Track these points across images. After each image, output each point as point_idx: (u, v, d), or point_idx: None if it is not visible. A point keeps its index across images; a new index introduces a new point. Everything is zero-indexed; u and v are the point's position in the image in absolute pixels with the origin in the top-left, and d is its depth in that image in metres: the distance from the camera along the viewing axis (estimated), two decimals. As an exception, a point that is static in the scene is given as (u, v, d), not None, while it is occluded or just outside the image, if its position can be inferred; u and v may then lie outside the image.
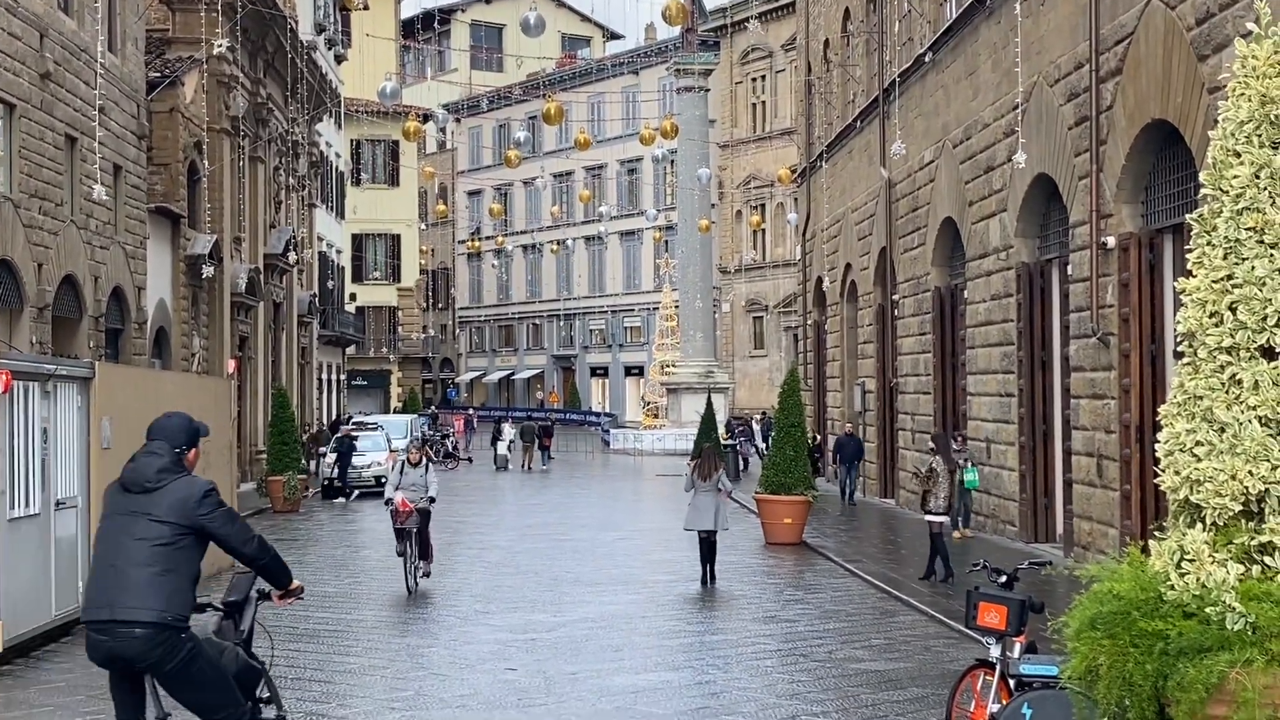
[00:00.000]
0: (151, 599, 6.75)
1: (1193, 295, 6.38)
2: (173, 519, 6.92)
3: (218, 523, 7.06)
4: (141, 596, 6.74)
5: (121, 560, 6.86)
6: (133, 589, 6.76)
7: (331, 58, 57.01)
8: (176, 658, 6.78)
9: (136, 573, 6.80)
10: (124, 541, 6.90)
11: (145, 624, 6.71)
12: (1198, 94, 15.57)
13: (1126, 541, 17.02)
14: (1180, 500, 6.35)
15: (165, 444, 7.32)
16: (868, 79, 33.92)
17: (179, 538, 6.93)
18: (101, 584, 6.89)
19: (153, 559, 6.83)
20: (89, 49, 26.03)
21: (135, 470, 7.13)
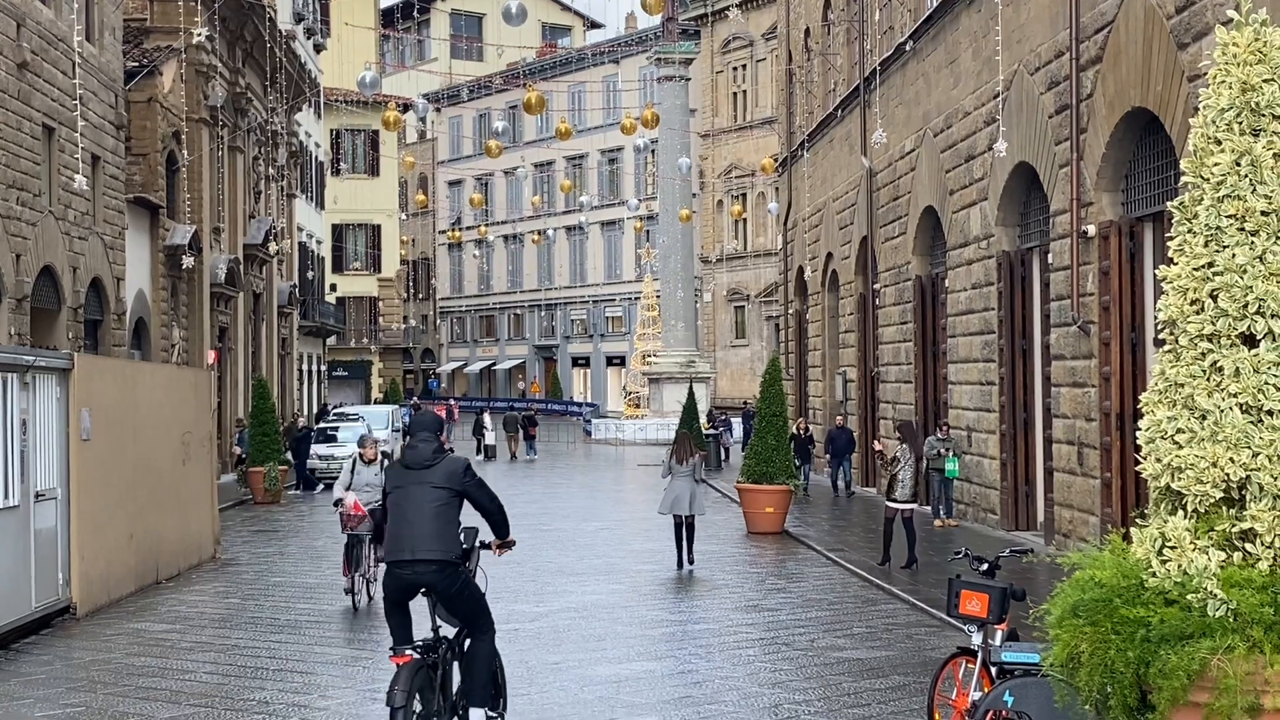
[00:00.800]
0: (439, 544, 9.16)
1: (1174, 283, 6.39)
2: (446, 485, 9.30)
3: (475, 488, 9.49)
4: (432, 542, 9.13)
5: (414, 516, 9.20)
6: (425, 537, 9.13)
7: (310, 47, 56.81)
8: (456, 584, 9.27)
9: (426, 525, 9.16)
10: (414, 504, 9.24)
11: (437, 561, 9.15)
12: (1178, 82, 15.59)
13: (1108, 529, 17.06)
14: (1161, 488, 6.36)
15: (430, 434, 9.58)
16: (848, 68, 33.91)
17: (452, 499, 9.31)
18: (402, 534, 9.22)
19: (435, 515, 9.19)
20: (66, 38, 25.89)
21: (415, 453, 9.45)
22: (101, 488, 16.72)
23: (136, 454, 18.08)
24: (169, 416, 19.74)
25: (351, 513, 16.84)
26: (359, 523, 16.70)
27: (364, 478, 16.99)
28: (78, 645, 14.44)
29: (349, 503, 16.87)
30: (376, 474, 16.77)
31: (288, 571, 20.25)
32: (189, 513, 20.49)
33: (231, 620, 16.03)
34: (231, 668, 13.12)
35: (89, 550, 16.22)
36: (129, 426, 17.83)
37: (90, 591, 16.23)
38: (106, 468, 16.89)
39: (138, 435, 18.17)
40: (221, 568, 20.67)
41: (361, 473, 17.04)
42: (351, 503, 16.84)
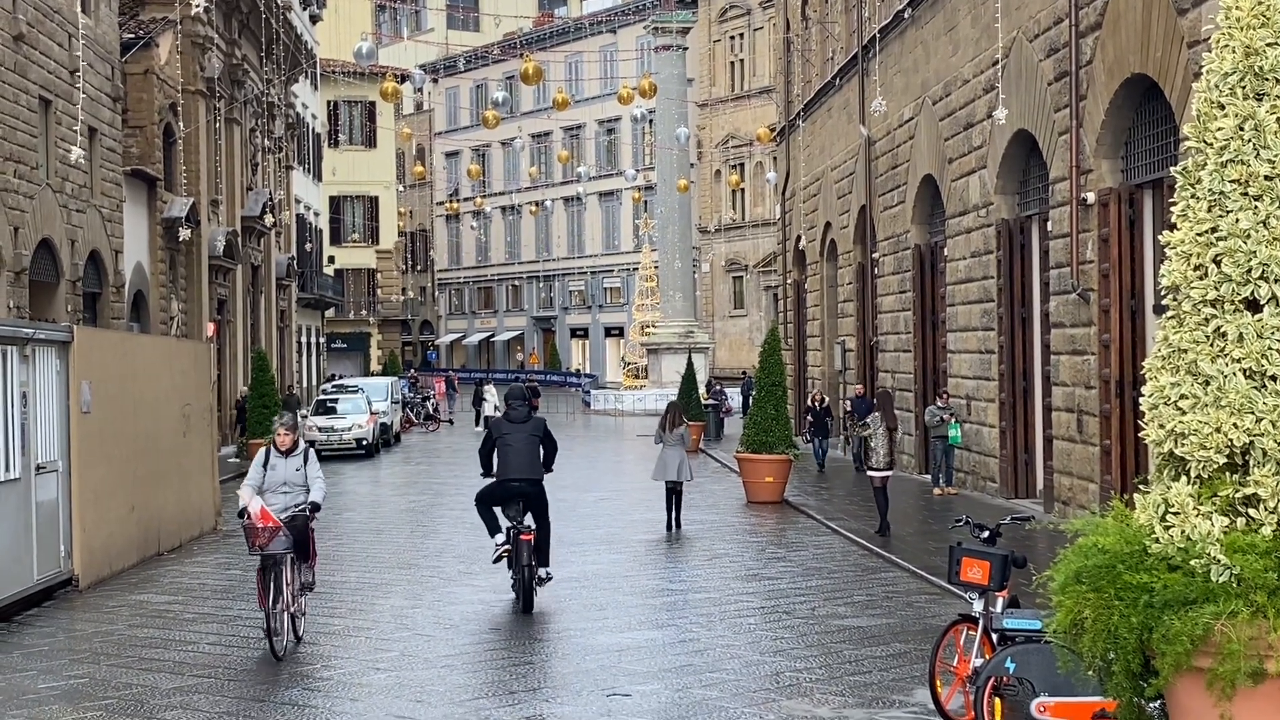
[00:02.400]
0: (532, 470, 14.67)
1: (1177, 248, 6.36)
2: (537, 434, 14.79)
3: (547, 438, 14.90)
4: (532, 469, 14.65)
5: (521, 450, 14.59)
6: (528, 465, 14.62)
7: (307, 18, 56.60)
8: (543, 496, 14.87)
9: (525, 457, 14.64)
10: (516, 444, 14.62)
11: (534, 480, 14.66)
12: (1177, 48, 15.54)
13: (1109, 495, 17.09)
14: (1165, 454, 6.36)
15: (522, 401, 15.04)
16: (846, 36, 33.80)
17: (540, 443, 14.78)
18: (509, 463, 14.61)
19: (533, 452, 14.69)
20: (63, 10, 25.79)
21: (516, 413, 14.89)
22: (102, 460, 16.73)
23: (137, 426, 18.09)
24: (168, 389, 19.74)
25: (259, 524, 12.34)
26: (270, 537, 12.30)
27: (281, 474, 12.80)
28: (80, 617, 14.47)
29: (255, 511, 12.41)
30: (298, 469, 12.82)
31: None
32: (189, 484, 20.52)
33: (233, 591, 16.05)
34: (234, 639, 13.15)
35: (90, 522, 16.24)
36: (129, 399, 17.83)
37: (92, 563, 16.25)
38: (107, 440, 16.90)
39: (138, 408, 18.17)
40: (223, 539, 20.69)
41: (277, 467, 12.82)
42: (258, 511, 12.41)
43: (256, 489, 12.67)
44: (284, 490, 12.78)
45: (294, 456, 12.89)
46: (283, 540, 12.33)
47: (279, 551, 12.36)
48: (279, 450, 12.89)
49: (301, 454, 12.95)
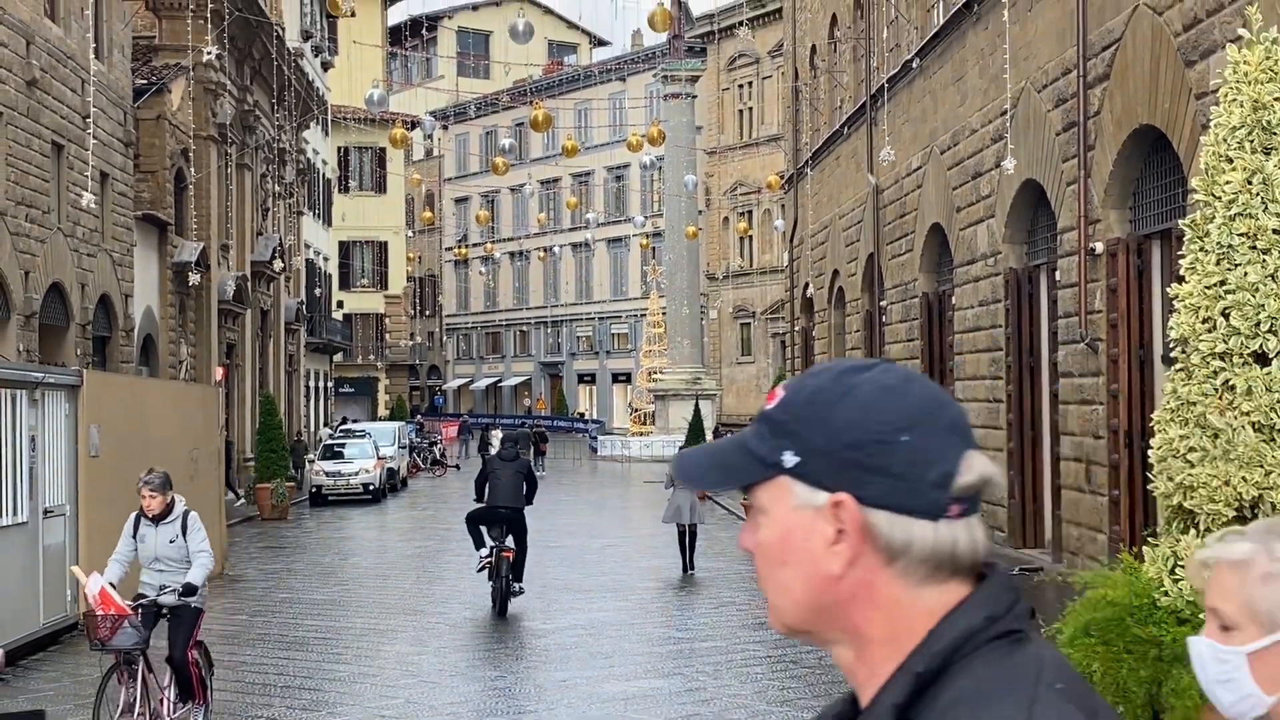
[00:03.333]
0: (518, 500, 17.40)
1: (1185, 301, 6.39)
2: (521, 471, 17.59)
3: (531, 475, 17.83)
4: (515, 499, 17.31)
5: (507, 483, 17.29)
6: (511, 496, 17.31)
7: (318, 65, 56.96)
8: (523, 522, 17.63)
9: (513, 490, 17.37)
10: (506, 479, 17.36)
11: (516, 508, 17.34)
12: (1185, 100, 15.60)
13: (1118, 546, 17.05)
14: (1173, 506, 6.36)
15: (513, 443, 18.84)
16: (855, 85, 33.95)
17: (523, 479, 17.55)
18: (501, 493, 17.35)
19: (517, 485, 17.42)
20: (76, 56, 25.98)
21: (506, 452, 18.21)
22: (110, 504, 16.71)
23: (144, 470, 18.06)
24: (177, 433, 19.75)
25: (99, 611, 9.73)
26: (113, 629, 9.67)
27: (152, 547, 10.34)
28: (85, 662, 14.42)
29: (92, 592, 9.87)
30: (173, 540, 10.30)
31: (295, 587, 20.25)
32: (196, 529, 20.47)
33: (239, 637, 16.02)
34: (240, 684, 13.12)
35: (97, 566, 16.20)
36: (137, 443, 17.84)
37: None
38: (115, 484, 16.89)
39: (146, 452, 18.15)
40: (229, 584, 20.66)
41: (147, 538, 10.37)
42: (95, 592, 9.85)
43: (123, 565, 10.37)
44: (157, 568, 10.30)
45: (167, 524, 10.26)
46: (131, 634, 9.72)
47: (125, 647, 9.74)
48: (149, 519, 10.31)
49: (178, 521, 10.29)
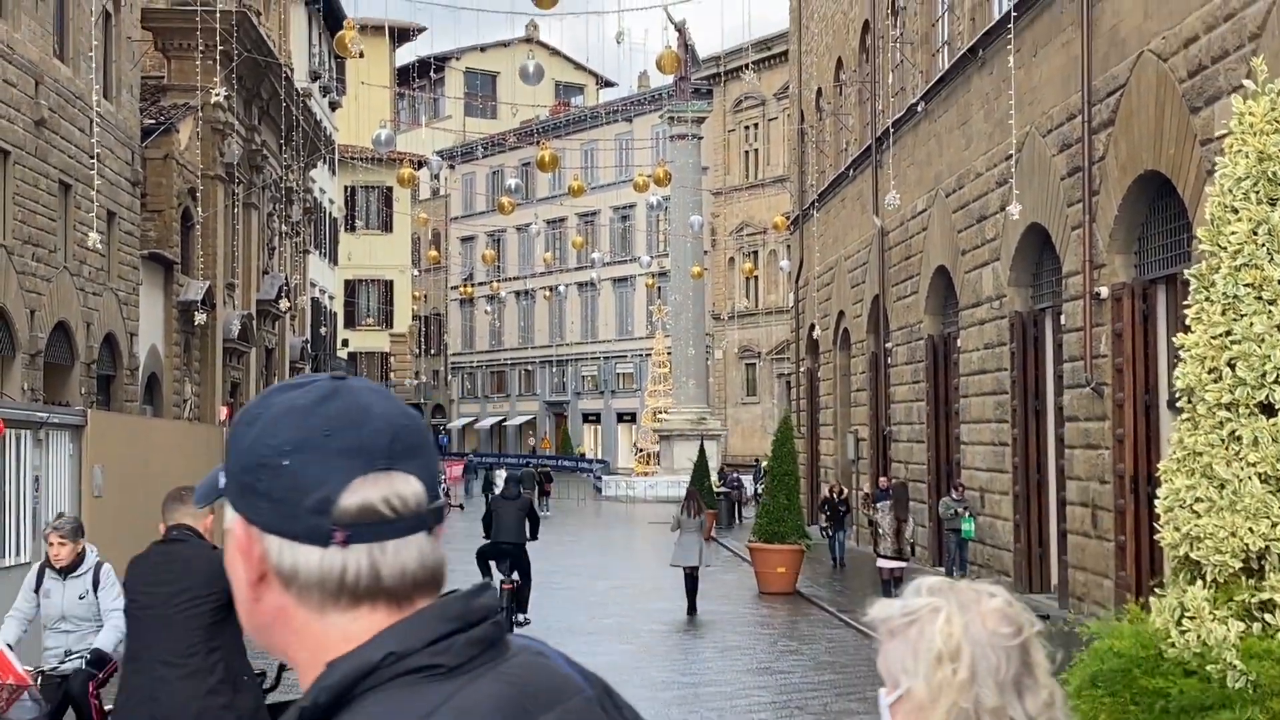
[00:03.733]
0: (520, 536, 18.69)
1: (1191, 351, 6.38)
2: (523, 509, 18.87)
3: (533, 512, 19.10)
4: (518, 535, 18.61)
5: (510, 521, 18.60)
6: (514, 532, 18.59)
7: (326, 104, 57.21)
8: (525, 556, 18.91)
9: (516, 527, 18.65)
10: (509, 517, 18.68)
11: (518, 544, 18.66)
12: (1190, 146, 15.64)
13: (1124, 592, 16.97)
14: (1180, 557, 6.33)
15: (517, 483, 19.88)
16: (860, 128, 34.06)
17: (525, 516, 18.79)
18: (505, 529, 18.60)
19: (519, 522, 18.69)
20: (84, 96, 26.09)
21: (510, 491, 19.45)
22: (114, 545, 16.67)
23: (148, 510, 18.01)
24: (181, 473, 19.71)
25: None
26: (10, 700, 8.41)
27: (59, 602, 9.08)
28: (87, 704, 14.37)
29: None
30: (83, 596, 9.03)
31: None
32: (199, 570, 20.43)
33: (241, 679, 15.94)
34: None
35: (99, 607, 16.17)
36: (141, 483, 17.81)
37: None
38: (119, 525, 16.86)
39: (150, 492, 18.13)
40: (231, 625, 20.57)
41: (53, 592, 9.09)
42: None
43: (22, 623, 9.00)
44: (63, 628, 9.05)
45: (76, 578, 8.97)
46: (30, 708, 8.47)
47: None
48: (54, 570, 8.99)
49: (89, 574, 9.00)
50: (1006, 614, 2.17)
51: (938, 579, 2.26)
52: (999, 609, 2.17)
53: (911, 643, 2.17)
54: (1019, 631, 2.16)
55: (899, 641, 2.20)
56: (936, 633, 2.15)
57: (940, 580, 2.25)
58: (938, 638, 2.14)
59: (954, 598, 2.19)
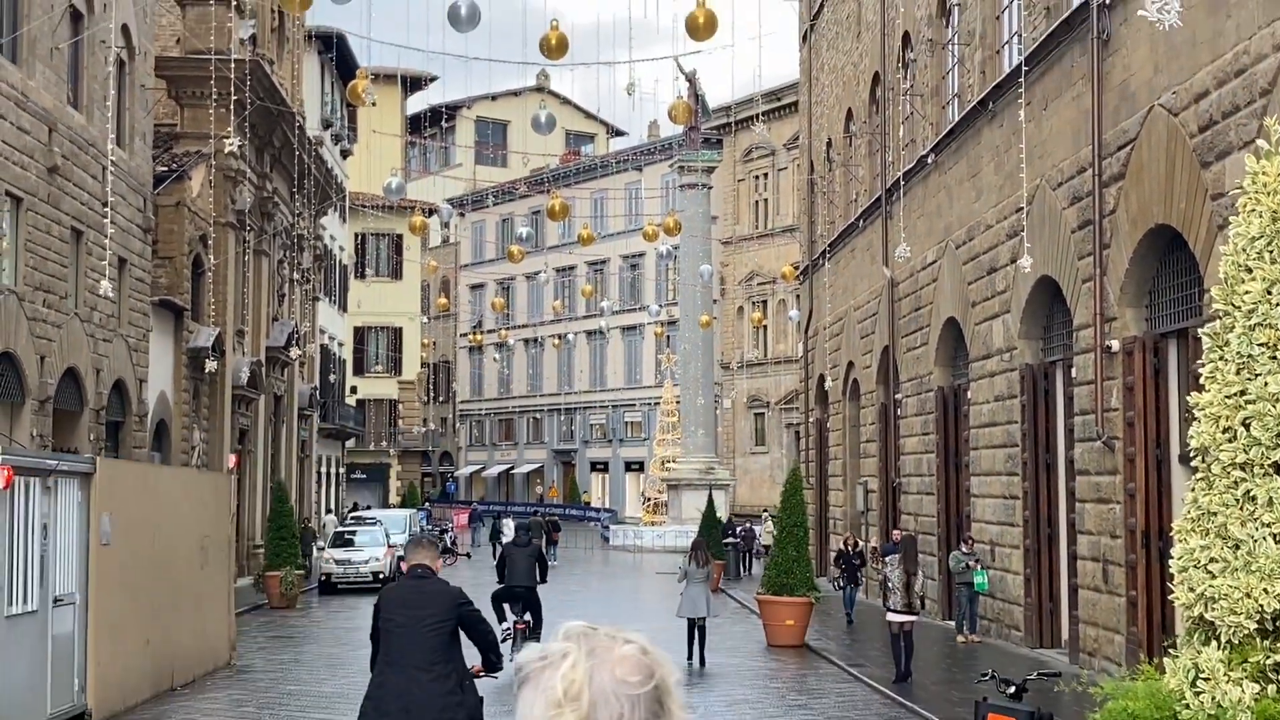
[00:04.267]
0: (531, 579, 20.45)
1: (1206, 410, 6.34)
2: (533, 555, 20.93)
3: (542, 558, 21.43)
4: (529, 578, 20.39)
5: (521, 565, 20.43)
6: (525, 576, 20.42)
7: (338, 152, 57.47)
8: (536, 597, 20.31)
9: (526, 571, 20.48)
10: (520, 562, 20.44)
11: (529, 586, 20.34)
12: (1201, 200, 15.64)
13: (1136, 648, 16.85)
14: (1195, 617, 6.28)
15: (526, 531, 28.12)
16: (870, 179, 34.14)
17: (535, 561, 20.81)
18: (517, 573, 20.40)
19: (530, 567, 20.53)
20: (97, 143, 26.22)
21: (520, 538, 22.64)
22: (120, 593, 16.64)
23: (155, 558, 18.02)
24: (188, 520, 19.70)
25: None
26: None
27: None
28: (91, 754, 14.29)
29: None
30: None
31: (303, 679, 20.08)
32: (205, 618, 20.38)
33: (246, 730, 15.86)
34: (245, 780, 12.97)
35: (105, 656, 16.11)
36: (148, 530, 17.79)
37: (106, 698, 16.09)
38: (125, 572, 16.83)
39: (156, 539, 18.12)
40: (236, 674, 20.49)
41: None
42: None
43: None
44: None
45: None
46: None
47: None
48: None
49: None
50: (638, 662, 2.20)
51: (579, 624, 2.26)
52: (630, 656, 2.20)
53: (540, 687, 2.19)
54: (649, 679, 2.19)
55: (529, 686, 2.21)
56: (559, 677, 2.17)
57: (579, 625, 2.26)
58: (559, 682, 2.16)
59: (585, 643, 2.21)
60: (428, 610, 8.97)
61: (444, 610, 9.03)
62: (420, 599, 9.05)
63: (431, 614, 8.96)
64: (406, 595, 9.18)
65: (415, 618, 8.94)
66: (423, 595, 9.08)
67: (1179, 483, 16.79)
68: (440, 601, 9.07)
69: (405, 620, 8.96)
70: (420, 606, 9.00)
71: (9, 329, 22.36)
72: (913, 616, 19.35)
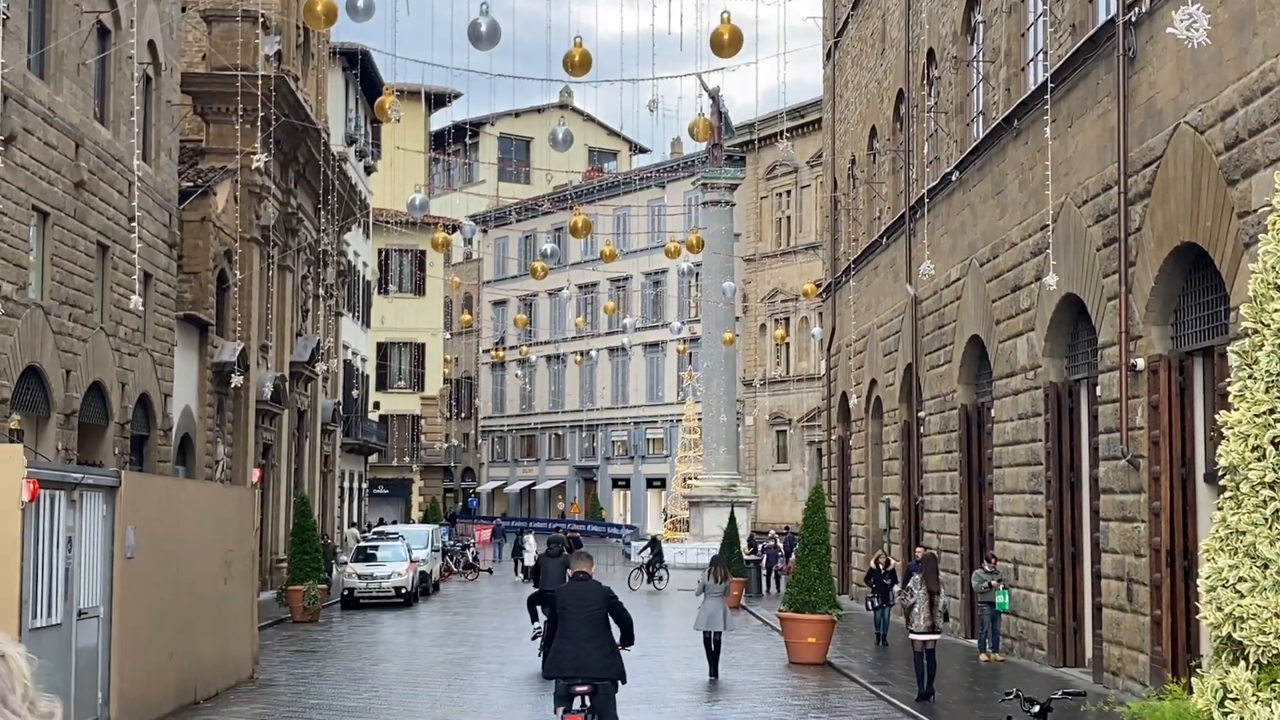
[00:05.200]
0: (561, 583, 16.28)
1: (1235, 428, 6.31)
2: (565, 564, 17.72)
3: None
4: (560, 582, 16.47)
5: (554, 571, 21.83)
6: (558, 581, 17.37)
7: (362, 169, 57.68)
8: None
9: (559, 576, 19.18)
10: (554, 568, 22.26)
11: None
12: (1227, 218, 15.59)
13: (1160, 668, 16.76)
14: (1223, 637, 6.24)
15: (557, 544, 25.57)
16: (894, 196, 34.11)
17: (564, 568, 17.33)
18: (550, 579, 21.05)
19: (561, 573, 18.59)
20: (124, 159, 26.37)
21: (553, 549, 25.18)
22: (144, 606, 16.69)
23: (179, 572, 18.07)
24: (212, 534, 19.75)
25: None
26: None
27: None
28: (114, 767, 14.31)
29: None
30: None
31: (326, 694, 20.09)
32: (229, 632, 20.42)
33: (268, 744, 15.87)
34: (268, 794, 12.97)
35: (129, 670, 16.15)
36: (172, 544, 17.84)
37: (129, 711, 16.13)
38: (149, 586, 16.87)
39: (181, 553, 18.17)
40: (259, 689, 20.52)
41: None
42: None
43: None
44: None
45: None
46: None
47: None
48: None
49: None
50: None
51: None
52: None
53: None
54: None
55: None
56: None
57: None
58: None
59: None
60: (590, 601, 13.10)
61: (600, 602, 13.13)
62: (584, 593, 13.19)
63: (593, 604, 13.07)
64: (575, 591, 13.30)
65: (581, 606, 13.05)
66: (585, 591, 13.22)
67: (1204, 501, 16.71)
68: (597, 596, 13.19)
69: (575, 608, 13.04)
70: (584, 598, 13.13)
71: (35, 343, 22.48)
72: (935, 635, 19.29)
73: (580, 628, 12.96)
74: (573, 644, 12.94)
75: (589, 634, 12.94)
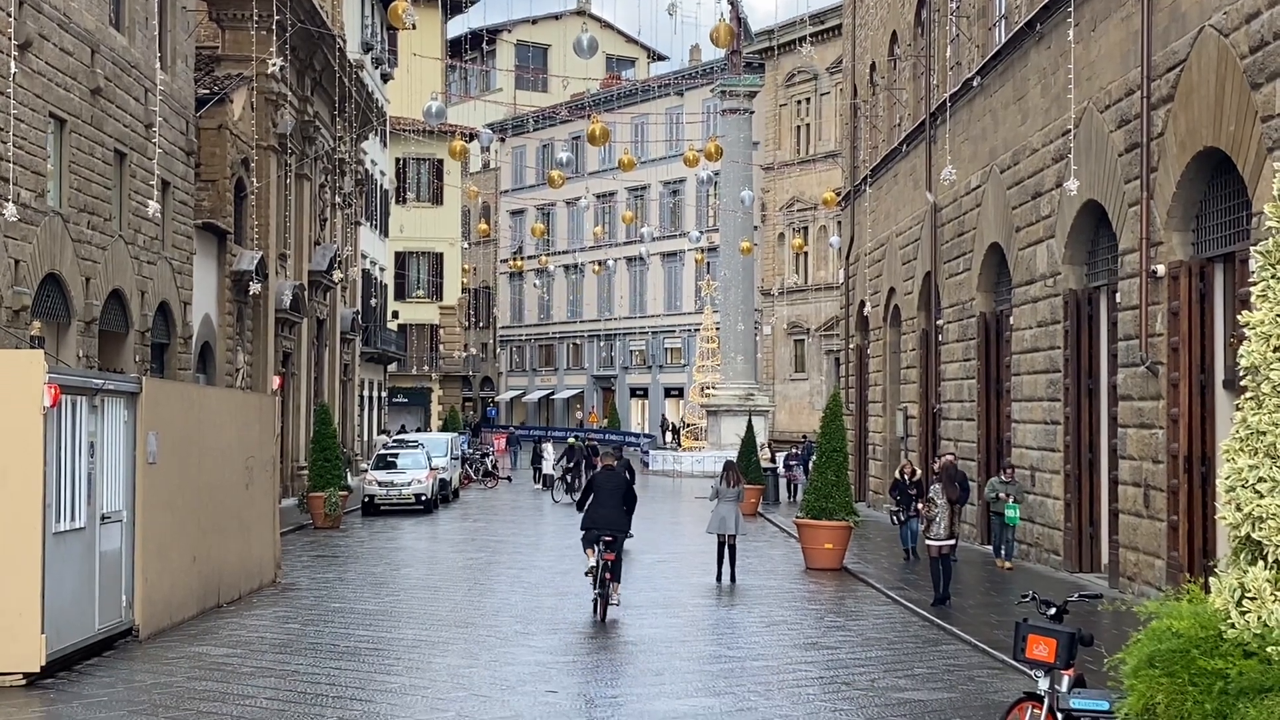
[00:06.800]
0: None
1: (1257, 328, 6.28)
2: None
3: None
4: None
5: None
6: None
7: (378, 76, 57.31)
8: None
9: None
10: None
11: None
12: (1251, 122, 15.43)
13: (1177, 572, 16.84)
14: (1241, 537, 6.25)
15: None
16: (914, 103, 33.82)
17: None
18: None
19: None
20: (140, 65, 26.23)
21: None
22: (166, 511, 16.84)
23: (201, 478, 18.21)
24: (233, 441, 19.87)
25: None
26: None
27: None
28: (139, 668, 14.53)
29: None
30: None
31: (347, 597, 20.30)
32: (251, 537, 20.60)
33: (291, 646, 16.07)
34: (291, 694, 13.15)
35: (152, 573, 16.33)
36: (194, 450, 17.96)
37: (153, 614, 16.33)
38: (171, 491, 17.02)
39: (202, 459, 18.30)
40: (282, 592, 20.75)
41: None
42: None
43: None
44: None
45: None
46: None
47: None
48: None
49: None
50: None
51: None
52: None
53: None
54: None
55: None
56: None
57: None
58: None
59: None
60: (614, 482, 18.98)
61: (622, 484, 19.01)
62: (613, 478, 19.08)
63: (617, 484, 18.94)
64: (607, 475, 19.14)
65: (611, 485, 18.88)
66: (613, 476, 19.11)
67: (1222, 407, 16.70)
68: (620, 479, 19.11)
69: (606, 487, 18.85)
70: (611, 480, 19.01)
71: (54, 250, 22.51)
72: (952, 540, 19.40)
73: (609, 498, 18.71)
74: (605, 509, 18.67)
75: (614, 504, 18.70)
